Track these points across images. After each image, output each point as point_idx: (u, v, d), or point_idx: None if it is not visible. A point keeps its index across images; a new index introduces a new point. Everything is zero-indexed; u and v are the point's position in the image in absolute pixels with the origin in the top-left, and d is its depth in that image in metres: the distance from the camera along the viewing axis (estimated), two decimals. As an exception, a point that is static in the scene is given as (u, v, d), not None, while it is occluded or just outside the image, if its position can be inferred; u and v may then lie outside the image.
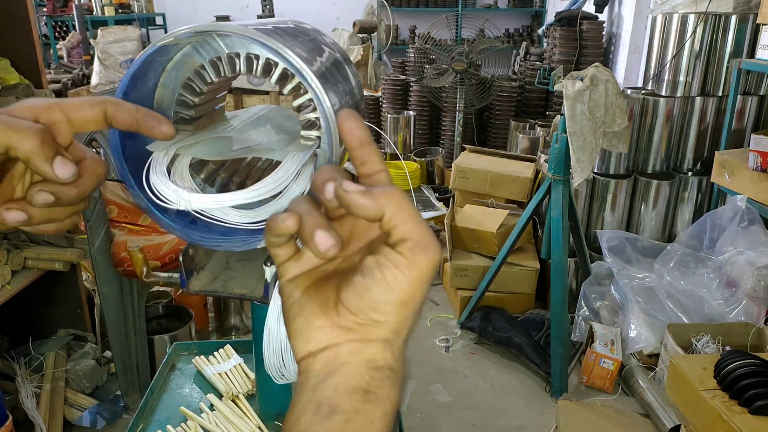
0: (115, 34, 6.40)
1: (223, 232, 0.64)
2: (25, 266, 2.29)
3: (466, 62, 4.35)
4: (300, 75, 0.57)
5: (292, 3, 7.87)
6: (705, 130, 3.32)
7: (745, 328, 2.49)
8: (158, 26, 8.43)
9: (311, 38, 0.71)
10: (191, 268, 0.95)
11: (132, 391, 2.50)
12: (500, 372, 2.86)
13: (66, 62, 7.19)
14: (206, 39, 0.64)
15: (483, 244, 3.29)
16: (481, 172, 3.71)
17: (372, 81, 6.67)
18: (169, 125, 0.50)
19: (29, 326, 2.61)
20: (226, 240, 0.64)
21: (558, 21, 5.32)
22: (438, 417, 2.57)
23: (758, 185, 2.67)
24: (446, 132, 5.09)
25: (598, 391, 2.68)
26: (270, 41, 0.56)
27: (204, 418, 1.23)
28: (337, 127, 0.58)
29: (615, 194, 3.28)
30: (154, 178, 0.60)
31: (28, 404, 2.22)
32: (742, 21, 3.13)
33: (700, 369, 2.05)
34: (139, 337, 2.47)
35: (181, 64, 0.66)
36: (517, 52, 6.49)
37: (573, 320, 3.01)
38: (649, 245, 3.10)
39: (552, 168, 2.72)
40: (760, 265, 2.49)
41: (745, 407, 1.85)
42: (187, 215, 0.62)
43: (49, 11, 7.98)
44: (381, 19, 7.38)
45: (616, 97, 2.57)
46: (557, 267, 2.69)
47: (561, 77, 2.69)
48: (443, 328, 3.23)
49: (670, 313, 2.67)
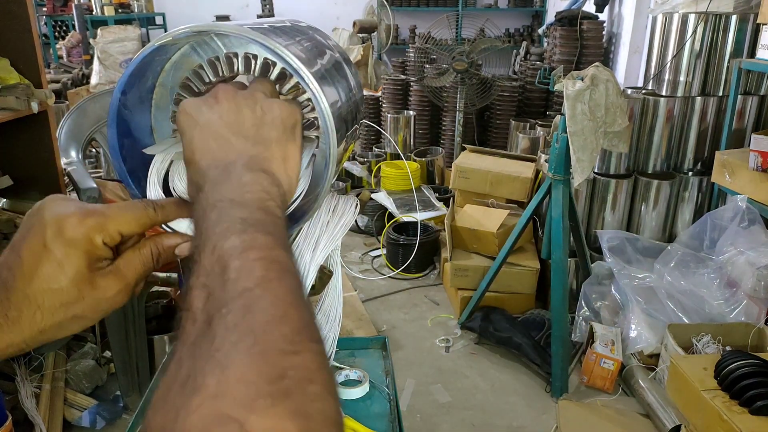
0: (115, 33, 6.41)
1: None
2: (25, 266, 2.28)
3: (466, 62, 4.35)
4: (297, 75, 0.57)
5: (292, 2, 7.88)
6: (705, 130, 3.32)
7: (746, 329, 2.48)
8: (158, 26, 8.43)
9: (309, 38, 0.71)
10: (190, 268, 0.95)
11: (132, 391, 2.50)
12: (501, 372, 2.86)
13: (66, 62, 7.20)
14: (204, 39, 0.64)
15: (483, 244, 3.29)
16: (482, 172, 3.71)
17: (372, 81, 6.67)
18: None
19: (29, 326, 2.61)
20: None
21: (558, 21, 5.32)
22: (438, 417, 2.56)
23: (759, 185, 2.66)
24: (446, 132, 5.09)
25: (598, 392, 2.68)
26: (267, 41, 0.55)
27: (203, 418, 1.23)
28: (335, 126, 0.58)
29: (615, 194, 3.28)
30: (152, 183, 0.60)
31: (28, 404, 2.22)
32: (742, 21, 3.13)
33: (701, 369, 2.05)
34: (139, 337, 2.47)
35: (179, 64, 0.65)
36: (518, 51, 6.49)
37: (573, 320, 3.01)
38: (649, 245, 3.10)
39: (552, 168, 2.72)
40: (760, 265, 2.48)
41: (746, 407, 1.84)
42: None
43: (49, 11, 7.99)
44: (381, 18, 7.38)
45: (616, 96, 2.57)
46: (557, 267, 2.69)
47: (561, 77, 2.68)
48: (443, 328, 3.23)
49: (671, 313, 2.67)
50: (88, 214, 0.50)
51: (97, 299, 0.50)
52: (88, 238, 0.49)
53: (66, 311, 0.49)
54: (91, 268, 0.49)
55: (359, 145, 5.44)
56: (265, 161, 0.51)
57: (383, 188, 4.45)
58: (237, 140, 0.51)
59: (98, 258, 0.50)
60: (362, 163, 4.87)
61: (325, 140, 0.59)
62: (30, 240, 0.48)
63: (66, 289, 0.48)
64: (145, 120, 0.67)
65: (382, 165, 4.54)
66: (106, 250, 0.51)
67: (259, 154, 0.51)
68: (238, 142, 0.51)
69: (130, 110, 0.63)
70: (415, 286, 3.69)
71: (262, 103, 0.54)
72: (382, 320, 3.30)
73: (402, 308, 3.44)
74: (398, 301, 3.52)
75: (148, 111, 0.67)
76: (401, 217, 4.01)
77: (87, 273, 0.49)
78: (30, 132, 2.37)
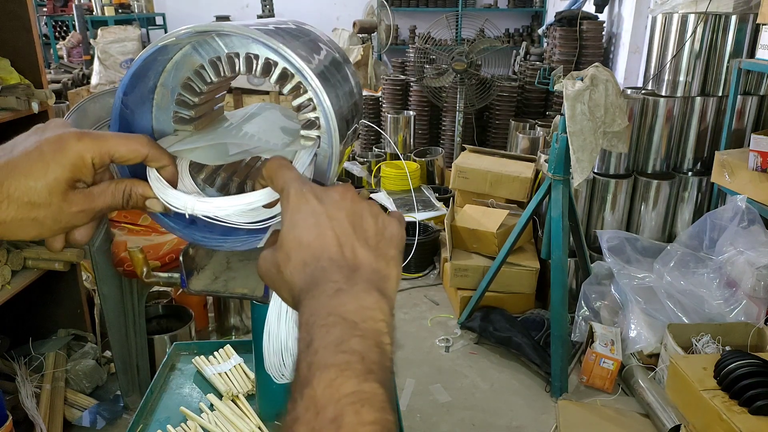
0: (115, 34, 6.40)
1: (225, 231, 0.64)
2: (25, 266, 2.29)
3: (466, 62, 4.35)
4: (300, 74, 0.57)
5: (292, 3, 7.87)
6: (705, 130, 3.32)
7: (745, 328, 2.49)
8: (158, 26, 8.43)
9: (311, 38, 0.71)
10: (192, 268, 0.95)
11: (132, 391, 2.50)
12: (500, 372, 2.86)
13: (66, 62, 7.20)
14: (206, 39, 0.64)
15: (483, 244, 3.29)
16: (481, 172, 3.71)
17: (372, 81, 6.67)
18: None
19: (29, 326, 2.61)
20: (228, 240, 0.64)
21: (558, 21, 5.32)
22: (438, 417, 2.57)
23: (758, 185, 2.67)
24: (446, 132, 5.09)
25: (598, 391, 2.68)
26: (271, 41, 0.56)
27: (204, 418, 1.23)
28: (337, 125, 0.59)
29: (615, 194, 3.28)
30: (153, 182, 0.60)
31: (28, 404, 2.22)
32: (742, 21, 3.13)
33: (700, 369, 2.05)
34: (139, 337, 2.47)
35: (180, 64, 0.66)
36: (517, 52, 6.49)
37: (573, 320, 3.01)
38: (649, 245, 3.10)
39: (552, 168, 2.72)
40: (760, 265, 2.49)
41: (745, 407, 1.85)
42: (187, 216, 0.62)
43: (49, 11, 7.98)
44: (381, 19, 7.38)
45: (616, 97, 2.57)
46: (557, 267, 2.69)
47: (561, 77, 2.69)
48: (443, 328, 3.23)
49: (670, 313, 2.67)
50: (87, 134, 0.53)
51: (61, 210, 0.52)
52: (80, 154, 0.52)
53: (30, 211, 0.51)
54: (68, 183, 0.52)
55: (359, 145, 5.44)
56: (384, 280, 0.47)
57: (383, 188, 4.45)
58: (361, 247, 0.48)
59: (80, 177, 0.53)
60: (362, 164, 4.87)
61: (328, 140, 0.59)
62: (27, 139, 0.52)
63: (39, 190, 0.51)
64: (147, 121, 0.67)
65: (382, 165, 4.55)
66: (90, 171, 0.54)
67: (381, 270, 0.48)
68: (362, 250, 0.48)
69: (131, 111, 0.64)
70: (414, 286, 3.69)
71: (383, 216, 0.52)
72: (382, 320, 3.30)
73: (402, 308, 3.44)
74: (398, 301, 3.52)
75: (149, 112, 0.67)
76: (401, 217, 4.00)
77: (63, 185, 0.52)
78: (30, 132, 2.37)
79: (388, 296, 0.46)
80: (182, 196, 0.59)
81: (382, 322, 0.42)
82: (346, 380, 0.37)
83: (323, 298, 0.43)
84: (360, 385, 0.37)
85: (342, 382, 0.37)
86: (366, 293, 0.44)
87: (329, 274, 0.45)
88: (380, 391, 0.37)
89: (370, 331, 0.41)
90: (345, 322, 0.41)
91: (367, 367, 0.38)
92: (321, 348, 0.39)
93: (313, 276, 0.45)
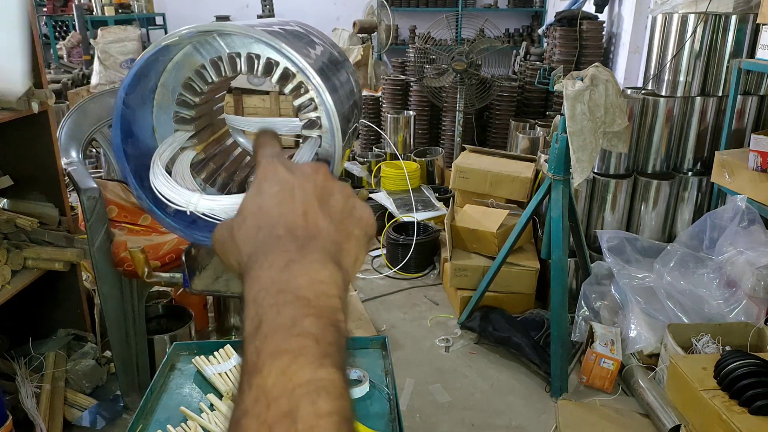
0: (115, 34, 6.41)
1: None
2: (25, 266, 2.29)
3: (466, 62, 4.35)
4: (303, 74, 0.57)
5: (292, 3, 7.87)
6: (705, 130, 3.32)
7: (745, 328, 2.49)
8: (158, 26, 8.44)
9: (310, 37, 0.71)
10: (194, 268, 0.95)
11: (132, 391, 2.50)
12: (500, 372, 2.86)
13: (66, 62, 7.20)
14: (207, 38, 0.64)
15: (483, 244, 3.29)
16: (481, 172, 3.71)
17: (372, 81, 6.67)
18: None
19: (29, 326, 2.61)
20: None
21: (558, 21, 5.32)
22: (438, 417, 2.57)
23: (758, 185, 2.67)
24: (446, 132, 5.09)
25: (597, 391, 2.68)
26: (273, 40, 0.56)
27: (204, 418, 1.23)
28: (339, 125, 0.59)
29: (615, 194, 3.28)
30: (158, 180, 0.60)
31: (28, 404, 2.22)
32: (742, 21, 3.13)
33: (700, 369, 2.05)
34: (139, 337, 2.47)
35: (181, 64, 0.66)
36: (517, 52, 6.49)
37: (573, 320, 3.01)
38: (649, 245, 3.10)
39: (552, 168, 2.72)
40: (760, 265, 2.49)
41: (745, 407, 1.85)
42: (188, 215, 0.62)
43: (49, 11, 7.99)
44: (381, 19, 7.39)
45: (616, 97, 2.57)
46: (557, 267, 2.69)
47: (561, 77, 2.69)
48: (443, 328, 3.23)
49: (670, 313, 2.67)
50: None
51: None
52: None
53: None
54: None
55: (359, 145, 5.44)
56: (342, 253, 0.45)
57: (383, 188, 4.45)
58: (323, 217, 0.46)
59: None
60: (362, 163, 4.87)
61: (330, 139, 0.59)
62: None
63: None
64: (147, 120, 0.67)
65: (382, 165, 4.55)
66: None
67: (341, 243, 0.46)
68: (324, 221, 0.45)
69: (132, 110, 0.64)
70: (414, 285, 3.69)
71: (355, 199, 0.50)
72: (382, 320, 3.30)
73: (402, 308, 3.44)
74: (398, 301, 3.53)
75: (150, 111, 0.67)
76: (401, 217, 4.01)
77: None
78: (30, 132, 2.37)
79: (344, 269, 0.43)
80: (186, 192, 0.59)
81: (336, 298, 0.40)
82: (301, 368, 0.34)
83: (273, 270, 0.40)
84: (316, 372, 0.34)
85: (296, 369, 0.34)
86: (320, 264, 0.41)
87: (282, 243, 0.42)
88: (337, 376, 0.35)
89: (324, 309, 0.38)
90: (297, 300, 0.38)
91: (322, 351, 0.36)
92: (271, 331, 0.36)
93: (265, 243, 0.43)
